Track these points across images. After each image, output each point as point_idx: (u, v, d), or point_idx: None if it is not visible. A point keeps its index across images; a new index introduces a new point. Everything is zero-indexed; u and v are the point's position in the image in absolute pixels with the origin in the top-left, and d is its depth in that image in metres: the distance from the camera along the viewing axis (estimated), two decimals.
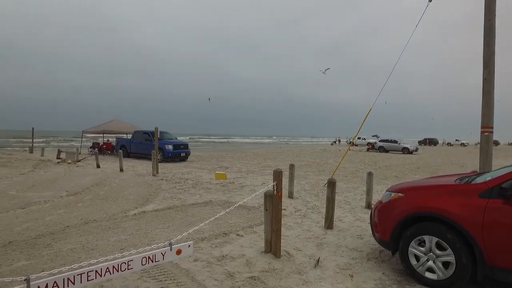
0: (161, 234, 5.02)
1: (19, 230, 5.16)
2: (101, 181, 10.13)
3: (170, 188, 9.08)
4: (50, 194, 7.95)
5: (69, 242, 4.62)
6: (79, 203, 7.12)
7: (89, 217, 5.93)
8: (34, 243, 4.59)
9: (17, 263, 3.89)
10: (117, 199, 7.57)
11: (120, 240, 4.72)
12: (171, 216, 6.15)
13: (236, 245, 4.56)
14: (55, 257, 4.08)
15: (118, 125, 22.88)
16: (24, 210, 6.45)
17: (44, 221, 5.69)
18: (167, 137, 19.26)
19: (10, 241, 4.65)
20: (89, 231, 5.16)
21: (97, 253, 4.19)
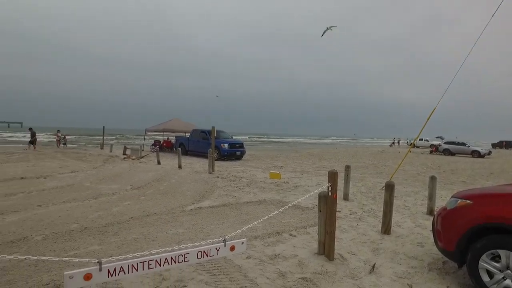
0: (216, 230, 5.19)
1: (92, 218, 5.70)
2: (161, 177, 10.76)
3: (225, 186, 9.35)
4: (117, 187, 8.65)
5: (133, 232, 4.99)
6: (142, 196, 7.65)
7: (150, 210, 6.34)
8: (104, 230, 5.04)
9: (91, 247, 4.31)
10: (176, 194, 7.98)
11: (177, 234, 4.98)
12: (226, 213, 6.33)
13: (288, 245, 4.55)
14: (121, 245, 4.43)
15: (178, 124, 24.09)
16: (96, 200, 7.10)
17: (112, 211, 6.21)
18: (223, 136, 19.84)
19: (86, 227, 5.17)
20: (150, 223, 5.52)
21: (157, 244, 4.47)
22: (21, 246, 4.34)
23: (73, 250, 4.20)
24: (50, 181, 9.32)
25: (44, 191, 7.96)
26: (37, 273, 3.53)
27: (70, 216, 5.80)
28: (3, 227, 5.10)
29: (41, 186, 8.59)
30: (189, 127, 23.42)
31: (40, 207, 6.40)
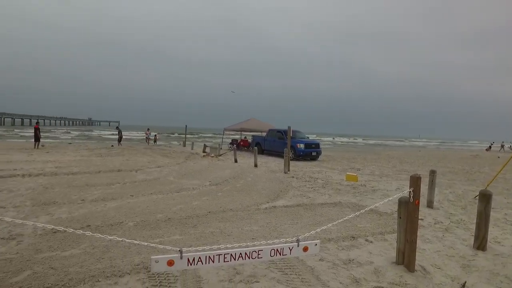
0: (289, 230, 5.21)
1: (174, 210, 6.19)
2: (238, 174, 11.17)
3: (300, 186, 9.32)
4: (197, 183, 9.24)
5: (210, 226, 5.28)
6: (219, 192, 8.04)
7: (227, 206, 6.64)
8: (185, 222, 5.44)
9: (173, 236, 4.70)
10: (251, 192, 8.22)
11: (252, 230, 5.12)
12: (300, 213, 6.31)
13: (364, 251, 4.35)
14: (200, 237, 4.73)
15: (255, 123, 24.74)
16: (178, 194, 7.69)
17: (192, 205, 6.66)
18: (299, 136, 19.78)
19: (169, 218, 5.64)
20: (227, 218, 5.77)
21: (232, 239, 4.66)
22: (118, 229, 4.93)
23: (158, 237, 4.62)
24: (140, 174, 10.37)
25: (136, 183, 8.89)
26: (130, 254, 3.98)
27: (156, 207, 6.39)
28: (105, 212, 5.85)
29: (133, 178, 9.61)
30: (266, 126, 23.88)
31: (132, 197, 7.17)
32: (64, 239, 4.42)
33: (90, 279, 3.32)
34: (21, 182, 8.44)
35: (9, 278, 3.30)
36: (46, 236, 4.54)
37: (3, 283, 3.19)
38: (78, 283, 3.23)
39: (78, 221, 5.26)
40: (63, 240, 4.38)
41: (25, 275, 3.38)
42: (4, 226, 4.76)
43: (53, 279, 3.29)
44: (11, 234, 4.54)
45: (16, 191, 7.32)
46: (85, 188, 7.89)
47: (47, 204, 6.33)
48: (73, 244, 4.26)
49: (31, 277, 3.34)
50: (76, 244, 4.28)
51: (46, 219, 5.32)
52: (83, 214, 5.73)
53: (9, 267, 3.55)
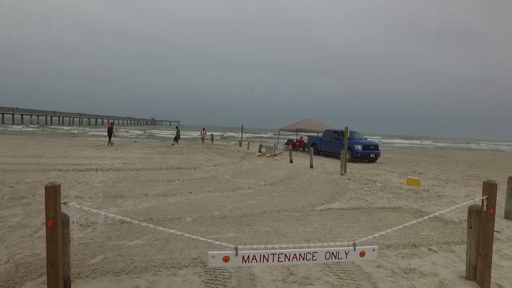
0: (345, 233, 5.05)
1: (230, 208, 6.35)
2: (293, 175, 11.11)
3: (357, 189, 9.00)
4: (252, 182, 9.38)
5: (265, 225, 5.33)
6: (274, 192, 8.07)
7: (282, 206, 6.64)
8: (240, 220, 5.55)
9: (229, 234, 4.83)
10: (306, 193, 8.12)
11: (306, 232, 5.06)
12: (356, 217, 6.09)
13: (427, 261, 4.06)
14: (254, 235, 4.79)
15: (311, 124, 24.43)
16: (234, 192, 7.87)
17: (247, 204, 6.77)
18: (356, 137, 19.11)
19: (225, 215, 5.81)
20: (281, 218, 5.77)
21: (286, 239, 4.65)
22: (177, 223, 5.20)
23: (214, 234, 4.78)
24: (198, 172, 10.81)
25: (194, 180, 9.29)
26: (188, 248, 4.17)
27: (212, 204, 6.61)
28: (166, 207, 6.21)
29: (192, 176, 10.06)
30: (322, 127, 23.46)
31: (191, 193, 7.50)
32: (130, 229, 4.78)
33: (152, 268, 3.54)
34: (95, 175, 9.30)
35: (86, 260, 3.68)
36: (115, 225, 4.95)
37: (82, 264, 3.56)
38: (142, 271, 3.46)
39: (142, 214, 5.65)
40: (129, 231, 4.74)
41: (99, 259, 3.73)
42: (82, 214, 5.28)
43: (121, 265, 3.57)
44: (87, 222, 5.03)
45: (91, 184, 8.09)
46: (148, 184, 8.44)
47: (116, 196, 6.89)
48: (138, 235, 4.59)
49: (103, 261, 3.67)
50: (140, 235, 4.60)
51: (115, 210, 5.80)
52: (146, 207, 6.14)
53: (86, 251, 3.94)
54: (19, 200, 6.26)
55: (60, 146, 18.99)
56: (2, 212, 5.48)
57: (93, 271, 3.42)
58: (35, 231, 4.63)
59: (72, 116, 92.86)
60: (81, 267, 3.49)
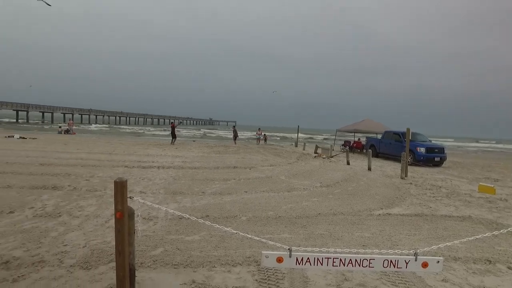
0: (405, 241, 4.76)
1: (285, 208, 6.34)
2: (350, 177, 10.75)
3: (419, 194, 8.43)
4: (307, 183, 9.26)
5: (319, 228, 5.23)
6: (330, 195, 7.89)
7: (337, 209, 6.46)
8: (294, 221, 5.52)
9: (282, 234, 4.83)
10: (363, 197, 7.81)
11: (363, 237, 4.86)
12: (418, 224, 5.71)
13: (506, 280, 3.64)
14: (308, 237, 4.73)
15: (369, 124, 23.45)
16: (289, 193, 7.84)
17: (302, 205, 6.71)
18: (420, 139, 17.88)
19: (279, 216, 5.82)
20: (336, 222, 5.62)
21: (341, 243, 4.51)
22: (232, 222, 5.34)
23: (268, 234, 4.81)
24: (254, 172, 10.96)
25: (249, 180, 9.44)
26: (242, 246, 4.25)
27: (267, 204, 6.66)
28: (222, 205, 6.40)
29: (247, 175, 10.23)
30: (381, 128, 22.39)
31: (246, 193, 7.63)
32: (188, 225, 5.01)
33: (208, 264, 3.68)
34: (157, 172, 9.91)
35: (148, 251, 3.94)
36: (174, 220, 5.23)
37: (144, 254, 3.83)
38: (198, 266, 3.61)
39: (199, 211, 5.89)
40: (187, 226, 4.98)
41: (159, 251, 3.97)
42: (145, 208, 5.66)
43: (179, 259, 3.76)
44: (149, 216, 5.38)
45: (153, 180, 8.64)
46: (205, 182, 8.77)
47: (175, 193, 7.27)
48: (195, 231, 4.80)
49: (163, 254, 3.90)
50: (197, 231, 4.80)
51: (175, 206, 6.12)
52: (203, 205, 6.38)
53: (148, 242, 4.22)
54: (93, 192, 6.91)
55: (126, 145, 20.56)
56: (81, 202, 6.10)
57: (154, 262, 3.65)
58: (106, 221, 5.08)
59: (137, 116, 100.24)
60: (143, 257, 3.74)
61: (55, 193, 6.71)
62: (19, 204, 5.78)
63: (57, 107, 72.30)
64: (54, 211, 5.45)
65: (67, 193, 6.81)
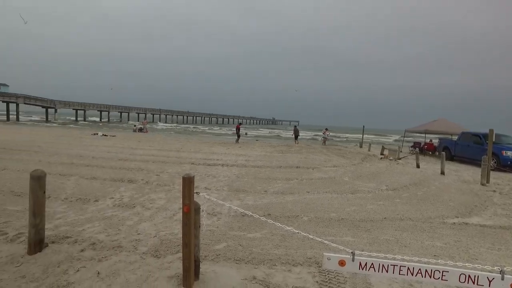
0: (486, 255, 4.29)
1: (348, 211, 6.14)
2: (420, 181, 10.01)
3: (505, 204, 7.52)
4: (372, 186, 8.84)
5: (385, 233, 4.96)
6: (397, 199, 7.43)
7: (405, 215, 6.06)
8: (358, 225, 5.31)
9: (345, 237, 4.68)
10: (435, 203, 7.21)
11: (434, 246, 4.49)
12: (504, 237, 5.10)
13: None
14: (373, 242, 4.51)
15: (443, 125, 21.56)
16: (353, 195, 7.57)
17: (367, 208, 6.42)
18: (506, 141, 15.87)
19: (342, 218, 5.65)
20: (404, 228, 5.28)
21: (409, 251, 4.23)
22: (294, 221, 5.32)
23: (330, 236, 4.70)
24: (317, 172, 10.79)
25: (312, 180, 9.31)
26: (304, 246, 4.22)
27: (330, 205, 6.51)
28: (284, 204, 6.42)
29: (310, 175, 10.11)
30: (457, 128, 20.47)
31: (309, 193, 7.55)
32: (250, 223, 5.12)
33: (268, 262, 3.71)
34: (221, 170, 10.28)
35: (212, 245, 4.12)
36: (237, 217, 5.37)
37: (208, 248, 4.00)
38: (259, 263, 3.67)
39: (261, 209, 5.98)
40: (249, 224, 5.08)
41: (222, 246, 4.12)
42: (209, 204, 5.92)
43: (241, 255, 3.86)
44: (214, 212, 5.61)
45: (217, 177, 8.98)
46: (268, 181, 8.86)
47: (238, 191, 7.47)
48: (257, 228, 4.88)
49: (226, 249, 4.04)
50: (259, 228, 4.88)
51: (237, 203, 6.29)
52: (265, 203, 6.46)
53: (212, 237, 4.41)
54: (163, 187, 7.42)
55: (193, 143, 21.68)
56: (152, 195, 6.60)
57: (217, 256, 3.79)
58: (173, 214, 5.42)
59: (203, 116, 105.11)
60: (207, 251, 3.91)
61: (130, 186, 7.35)
62: (102, 194, 6.45)
63: (133, 108, 79.24)
64: (129, 202, 5.98)
65: (141, 186, 7.41)
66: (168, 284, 3.09)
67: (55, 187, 6.63)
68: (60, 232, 4.31)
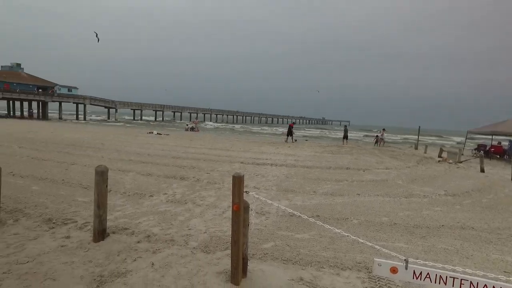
0: None
1: (401, 216, 5.83)
2: (485, 187, 9.18)
3: None
4: (429, 190, 8.29)
5: (443, 242, 4.63)
6: (457, 205, 6.90)
7: (467, 223, 5.61)
8: (412, 231, 5.02)
9: (398, 243, 4.46)
10: (504, 212, 6.56)
11: (504, 261, 4.10)
12: None
13: None
14: (429, 251, 4.24)
15: None
16: (407, 199, 7.17)
17: (422, 214, 6.04)
18: None
19: (395, 223, 5.38)
20: (465, 237, 4.89)
21: (472, 264, 3.91)
22: (343, 224, 5.18)
23: (381, 241, 4.50)
24: (368, 174, 10.39)
25: (363, 182, 8.99)
26: (353, 250, 4.09)
27: (381, 209, 6.23)
28: (333, 206, 6.28)
29: (360, 177, 9.76)
30: None
31: (359, 195, 7.30)
32: (298, 223, 5.08)
33: (316, 263, 3.66)
34: (270, 170, 10.33)
35: (260, 244, 4.16)
36: (285, 217, 5.37)
37: (256, 246, 4.05)
38: (307, 264, 3.63)
39: (309, 210, 5.90)
40: (297, 224, 5.05)
41: (270, 245, 4.15)
42: (258, 203, 5.98)
43: (288, 255, 3.85)
44: (262, 211, 5.66)
45: (266, 177, 9.04)
46: (317, 182, 8.72)
47: (287, 191, 7.45)
48: (305, 229, 4.83)
49: (273, 248, 4.06)
50: (307, 229, 4.83)
51: (286, 203, 6.27)
52: (314, 204, 6.37)
53: (260, 236, 4.46)
54: (213, 185, 7.64)
55: (242, 142, 22.02)
56: (203, 192, 6.84)
57: (265, 255, 3.82)
58: (223, 211, 5.56)
59: (253, 115, 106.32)
60: (255, 249, 3.96)
61: (182, 183, 7.67)
62: (156, 190, 6.82)
63: (185, 107, 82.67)
64: (181, 199, 6.25)
65: (192, 183, 7.70)
66: (216, 280, 3.18)
67: (115, 182, 7.13)
68: (120, 223, 4.64)
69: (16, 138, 15.88)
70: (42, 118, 51.01)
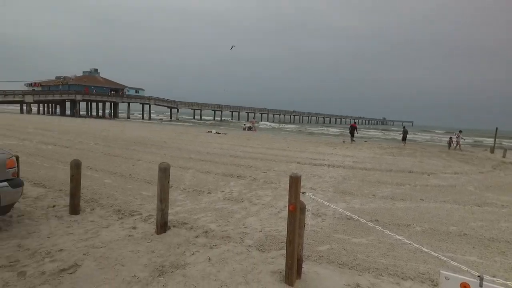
0: None
1: (473, 226, 5.31)
2: None
3: None
4: (509, 200, 7.42)
5: None
6: None
7: None
8: (487, 244, 4.53)
9: (469, 256, 4.07)
10: None
11: None
12: None
13: None
14: (510, 269, 3.81)
15: None
16: (480, 208, 6.51)
17: (499, 225, 5.44)
18: None
19: (465, 233, 4.89)
20: None
21: None
22: (404, 231, 4.86)
23: (448, 252, 4.15)
24: (433, 179, 9.65)
25: (427, 187, 8.37)
26: (415, 259, 3.84)
27: (449, 217, 5.74)
28: (393, 211, 5.95)
29: (425, 181, 9.11)
30: None
31: (423, 201, 6.81)
32: (356, 227, 4.90)
33: (374, 270, 3.49)
34: (327, 171, 10.10)
35: (315, 246, 4.10)
36: (342, 220, 5.21)
37: (311, 248, 4.00)
38: (364, 270, 3.48)
39: (368, 214, 5.65)
40: (354, 228, 4.87)
41: (325, 248, 4.06)
42: (314, 204, 5.87)
43: (345, 259, 3.73)
44: (318, 212, 5.57)
45: (323, 178, 8.86)
46: (376, 185, 8.32)
47: (345, 193, 7.22)
48: (362, 234, 4.64)
49: (329, 251, 3.97)
50: (365, 234, 4.63)
51: (343, 206, 6.08)
52: (373, 208, 6.08)
53: (315, 238, 4.39)
54: (270, 184, 7.69)
55: (299, 142, 21.85)
56: (259, 192, 6.92)
57: (320, 257, 3.75)
58: (278, 211, 5.57)
59: (310, 115, 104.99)
60: (310, 251, 3.90)
61: (239, 182, 7.84)
62: (214, 187, 7.06)
63: (243, 107, 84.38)
64: (238, 197, 6.39)
65: (248, 182, 7.83)
66: (271, 279, 3.20)
67: (176, 178, 7.53)
68: (180, 218, 4.89)
69: (92, 136, 17.64)
70: (114, 117, 56.43)
